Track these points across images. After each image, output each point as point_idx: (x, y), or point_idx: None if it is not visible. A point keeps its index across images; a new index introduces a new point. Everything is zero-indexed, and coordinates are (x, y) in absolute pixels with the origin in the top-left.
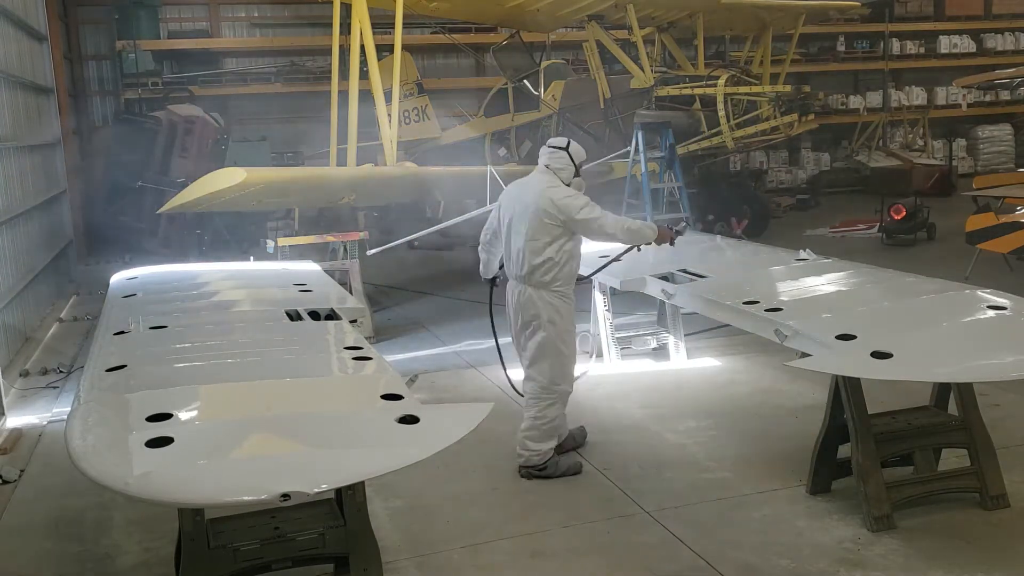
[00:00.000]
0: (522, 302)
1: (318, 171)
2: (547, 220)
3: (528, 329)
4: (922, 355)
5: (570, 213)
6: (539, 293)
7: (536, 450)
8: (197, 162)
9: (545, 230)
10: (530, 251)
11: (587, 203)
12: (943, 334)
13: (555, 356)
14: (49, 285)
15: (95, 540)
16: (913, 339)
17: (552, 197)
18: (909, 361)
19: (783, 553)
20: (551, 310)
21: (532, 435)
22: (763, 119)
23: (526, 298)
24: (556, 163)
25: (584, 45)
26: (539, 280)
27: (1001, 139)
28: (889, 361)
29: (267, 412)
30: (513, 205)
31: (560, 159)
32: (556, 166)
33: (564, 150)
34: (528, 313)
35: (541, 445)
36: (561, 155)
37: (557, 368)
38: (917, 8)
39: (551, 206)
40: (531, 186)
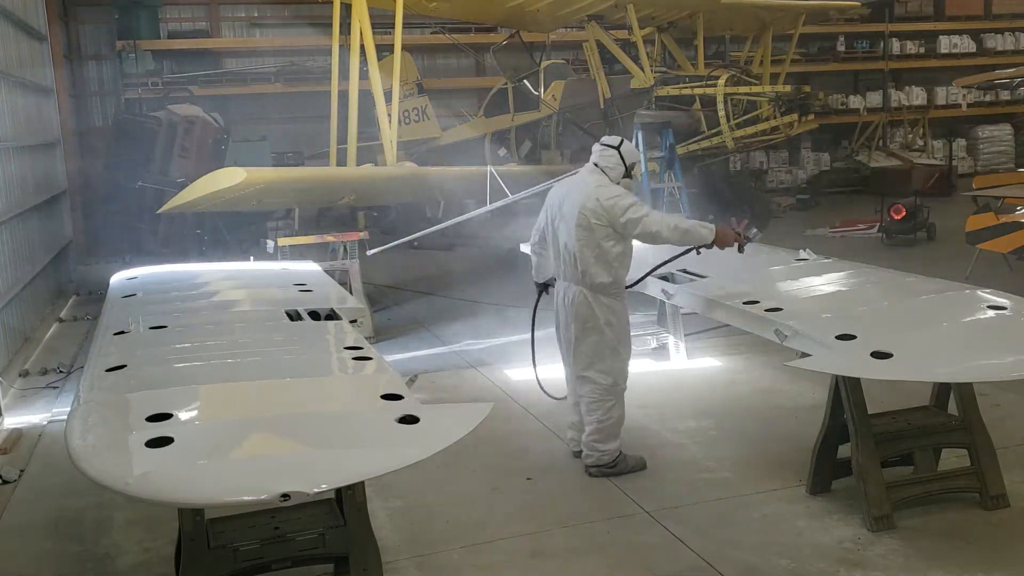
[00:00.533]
0: (576, 304)
1: (318, 171)
2: (595, 221)
3: (584, 332)
4: (922, 355)
5: (615, 215)
6: (595, 296)
7: (605, 450)
8: (197, 162)
9: (594, 231)
10: (582, 253)
11: (633, 203)
12: (943, 334)
13: (614, 357)
14: (49, 285)
15: (95, 540)
16: (913, 339)
17: (599, 197)
18: (909, 361)
19: (783, 553)
20: (607, 312)
21: (599, 436)
22: (763, 119)
23: (580, 300)
24: (605, 161)
25: (584, 45)
26: (593, 282)
27: (1001, 139)
28: (889, 361)
29: (267, 412)
30: (560, 205)
31: (610, 157)
32: (605, 164)
33: (615, 148)
34: (583, 316)
35: (609, 444)
36: (611, 153)
37: (618, 368)
38: (917, 8)
39: (598, 206)
40: (579, 185)
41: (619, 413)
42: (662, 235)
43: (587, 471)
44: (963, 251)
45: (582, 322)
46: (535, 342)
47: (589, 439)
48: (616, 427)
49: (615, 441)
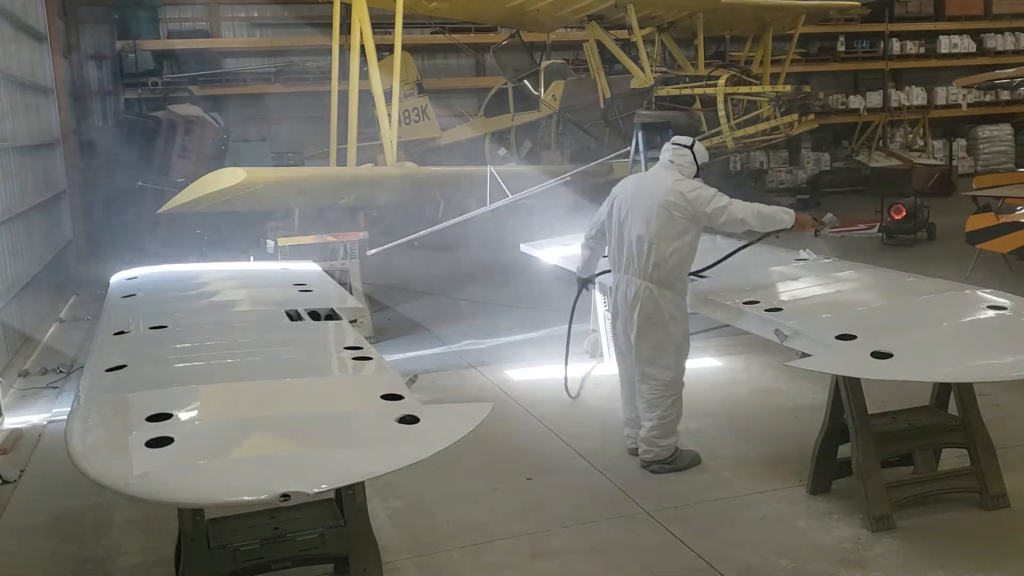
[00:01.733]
0: (641, 299)
1: (318, 171)
2: (676, 213)
3: (648, 326)
4: (922, 355)
5: (699, 205)
6: (660, 290)
7: (665, 445)
8: (197, 162)
9: (674, 224)
10: (658, 246)
11: (715, 193)
12: (943, 334)
13: (677, 353)
14: (49, 285)
15: (95, 540)
16: (913, 339)
17: (682, 190)
18: (909, 361)
19: (783, 553)
20: (672, 306)
21: (658, 432)
22: (763, 119)
23: (646, 294)
24: (681, 160)
25: (584, 45)
26: (662, 276)
27: (1001, 139)
28: (889, 361)
29: (267, 412)
30: (633, 198)
31: (684, 156)
32: (680, 163)
33: (689, 148)
34: (648, 310)
35: (669, 440)
36: (685, 152)
37: (679, 365)
38: (917, 8)
39: (681, 199)
40: (655, 180)
41: (679, 409)
42: (747, 221)
43: (646, 467)
44: (963, 251)
45: (646, 316)
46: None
47: (649, 435)
48: (675, 423)
49: (674, 436)
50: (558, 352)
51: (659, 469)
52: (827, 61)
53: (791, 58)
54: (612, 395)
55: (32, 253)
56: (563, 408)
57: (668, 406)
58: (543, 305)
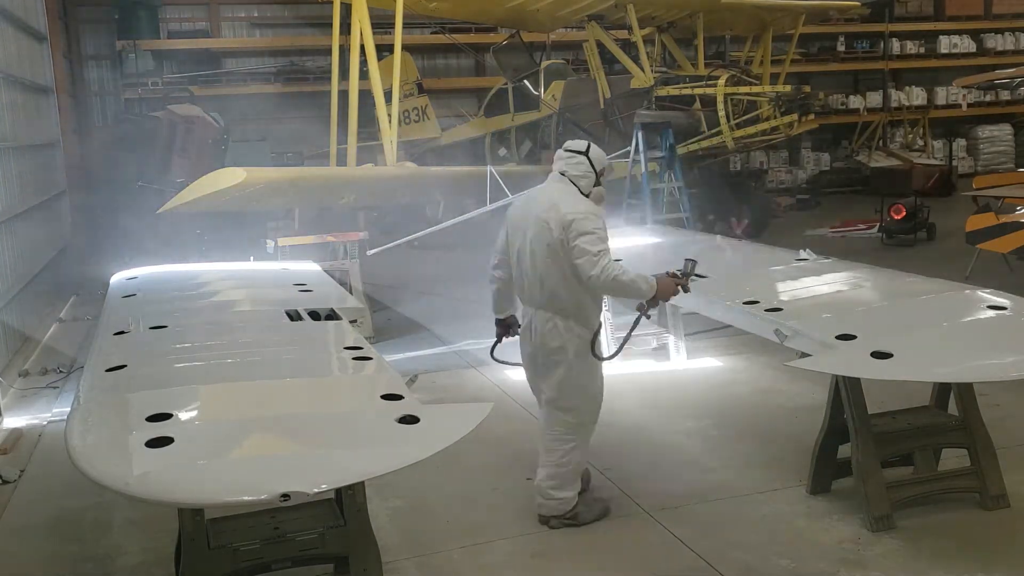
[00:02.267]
0: (544, 332)
1: (318, 171)
2: (557, 236)
3: (548, 363)
4: (922, 355)
5: (571, 236)
6: (566, 323)
7: (561, 498)
8: (197, 162)
9: (555, 252)
10: (547, 273)
11: (595, 231)
12: (943, 334)
13: (582, 394)
14: (49, 285)
15: (95, 540)
16: (913, 339)
17: (562, 207)
18: (909, 361)
19: (783, 553)
20: (579, 343)
21: (554, 483)
22: (763, 119)
23: (549, 328)
24: (574, 169)
25: (584, 45)
26: (562, 307)
27: (1001, 139)
28: (889, 361)
29: (267, 412)
30: (524, 220)
31: (579, 165)
32: (574, 173)
33: (584, 154)
34: (550, 345)
35: (566, 492)
36: (580, 160)
37: (585, 407)
38: (917, 8)
39: (560, 218)
40: (542, 196)
41: (578, 457)
42: (599, 280)
43: (544, 523)
44: (963, 251)
45: (548, 352)
46: None
47: (543, 484)
48: (575, 474)
49: (573, 488)
50: None
51: (557, 525)
52: (827, 61)
53: (791, 58)
54: (611, 395)
55: (32, 253)
56: None
57: (567, 452)
58: None
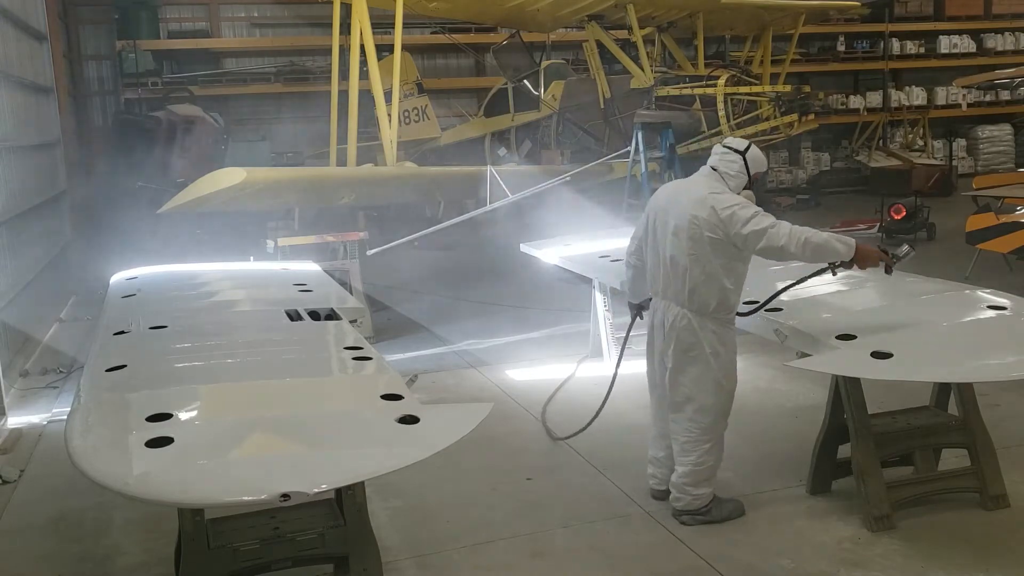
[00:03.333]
0: (679, 328)
1: (318, 171)
2: (708, 233)
3: (685, 360)
4: (922, 355)
5: (733, 227)
6: (700, 320)
7: (697, 494)
8: (197, 162)
9: (707, 245)
10: (691, 270)
11: (756, 213)
12: (943, 334)
13: (717, 393)
14: (49, 285)
15: (95, 540)
16: (913, 339)
17: (714, 205)
18: (909, 361)
19: (783, 553)
20: (715, 339)
21: (691, 480)
22: (763, 119)
23: (684, 324)
24: (727, 167)
25: (584, 45)
26: (701, 304)
27: (1001, 139)
28: (889, 361)
29: (267, 412)
30: (668, 210)
31: (732, 163)
32: (726, 171)
33: (741, 154)
34: (686, 342)
35: (702, 489)
36: (735, 159)
37: (720, 406)
38: (917, 8)
39: (712, 216)
40: (691, 190)
41: (717, 457)
42: (789, 250)
43: (677, 517)
44: (963, 251)
45: (684, 349)
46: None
47: (680, 480)
48: (712, 471)
49: (709, 486)
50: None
51: (690, 521)
52: (827, 61)
53: (791, 58)
54: (612, 395)
55: (32, 253)
56: (563, 409)
57: (704, 452)
58: (543, 305)
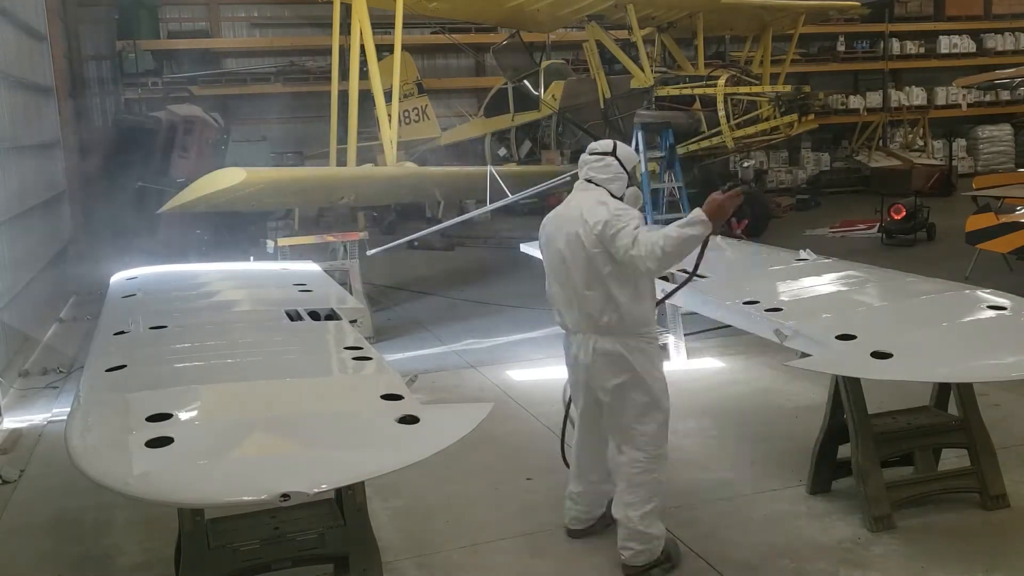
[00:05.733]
0: (605, 358)
1: (318, 171)
2: (594, 249)
3: (618, 389)
4: (922, 355)
5: (608, 241)
6: (626, 342)
7: (658, 536)
8: (197, 162)
9: (596, 262)
10: (592, 291)
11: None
12: (943, 334)
13: (657, 414)
14: (49, 285)
15: (95, 540)
16: (913, 339)
17: (589, 220)
18: (909, 361)
19: (783, 553)
20: (644, 359)
21: (650, 520)
22: (763, 119)
23: (610, 351)
24: (602, 173)
25: (584, 45)
26: (616, 324)
27: (1001, 139)
28: (889, 361)
29: (267, 412)
30: (555, 238)
31: (607, 167)
32: (603, 177)
33: (611, 155)
34: (616, 369)
35: (657, 528)
36: (608, 162)
37: (662, 429)
38: (917, 8)
39: (587, 232)
40: (570, 211)
41: (663, 486)
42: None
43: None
44: (963, 251)
45: (613, 377)
46: None
47: (639, 527)
48: (661, 507)
49: (661, 524)
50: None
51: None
52: (827, 61)
53: (791, 58)
54: None
55: (32, 253)
56: (563, 408)
57: (656, 482)
58: (543, 305)
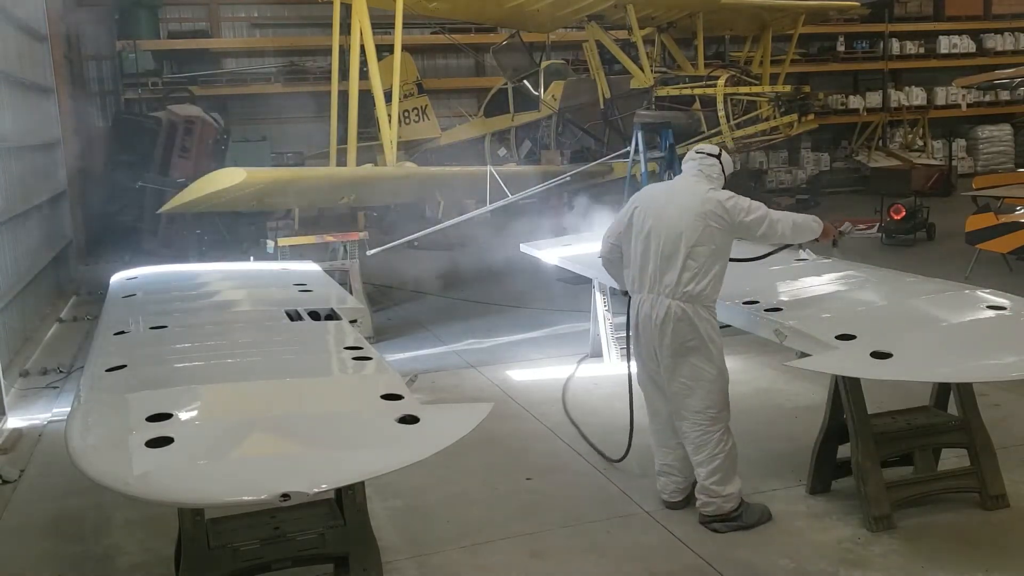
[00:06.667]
0: (673, 320)
1: (318, 171)
2: (714, 224)
3: (683, 352)
4: (922, 355)
5: (737, 215)
6: (695, 308)
7: (727, 494)
8: (197, 162)
9: (711, 236)
10: (694, 259)
11: (751, 202)
12: (943, 334)
13: (720, 378)
14: (49, 285)
15: (95, 540)
16: (913, 339)
17: (719, 199)
18: (909, 361)
19: (783, 553)
20: (708, 327)
21: (717, 478)
22: (763, 119)
23: (679, 315)
24: (709, 170)
25: (584, 45)
26: (697, 293)
27: (1001, 139)
28: (889, 361)
29: (267, 412)
30: (662, 209)
31: (712, 167)
32: (709, 173)
33: (716, 158)
34: (682, 333)
35: (729, 488)
36: (713, 163)
37: (723, 393)
38: (917, 8)
39: (719, 208)
40: (685, 189)
41: (731, 446)
42: (785, 233)
43: (707, 525)
44: (963, 251)
45: (681, 341)
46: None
47: (707, 483)
48: (732, 463)
49: (734, 483)
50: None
51: (723, 528)
52: (827, 61)
53: (791, 58)
54: (612, 395)
55: (32, 253)
56: (563, 408)
57: (718, 442)
58: (543, 305)
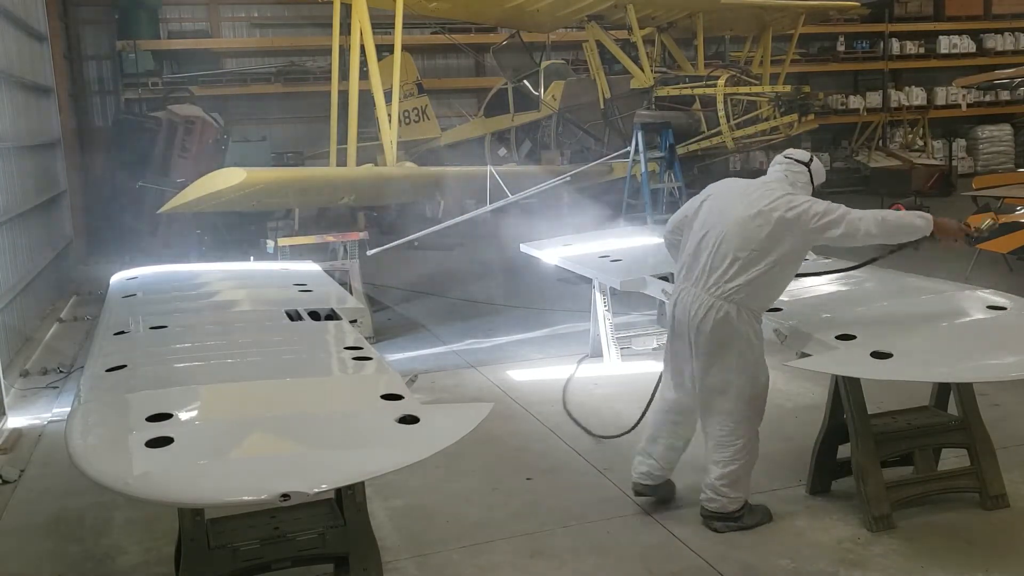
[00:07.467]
0: (713, 319)
1: (318, 171)
2: (781, 229)
3: (719, 351)
4: (922, 355)
5: (808, 222)
6: (739, 310)
7: (733, 497)
8: (197, 162)
9: (774, 242)
10: (746, 262)
11: (828, 205)
12: (943, 334)
13: (753, 382)
14: (49, 285)
15: (95, 540)
16: (913, 339)
17: (791, 204)
18: (909, 361)
19: (783, 553)
20: (749, 328)
21: (727, 480)
22: (763, 119)
23: (719, 315)
24: (795, 178)
25: (584, 45)
26: (747, 294)
27: (1001, 139)
28: (889, 361)
29: (267, 412)
30: (732, 202)
31: (800, 174)
32: (795, 181)
33: (805, 166)
34: (722, 333)
35: (737, 492)
36: (801, 170)
37: (756, 400)
38: (917, 8)
39: (789, 213)
40: (761, 190)
41: (752, 456)
42: (871, 231)
43: (708, 523)
44: (963, 251)
45: (719, 340)
46: None
47: (716, 482)
48: (747, 472)
49: (743, 489)
50: (558, 352)
51: (723, 528)
52: (827, 61)
53: (791, 58)
54: (611, 395)
55: (32, 253)
56: (563, 408)
57: (740, 448)
58: (543, 305)
